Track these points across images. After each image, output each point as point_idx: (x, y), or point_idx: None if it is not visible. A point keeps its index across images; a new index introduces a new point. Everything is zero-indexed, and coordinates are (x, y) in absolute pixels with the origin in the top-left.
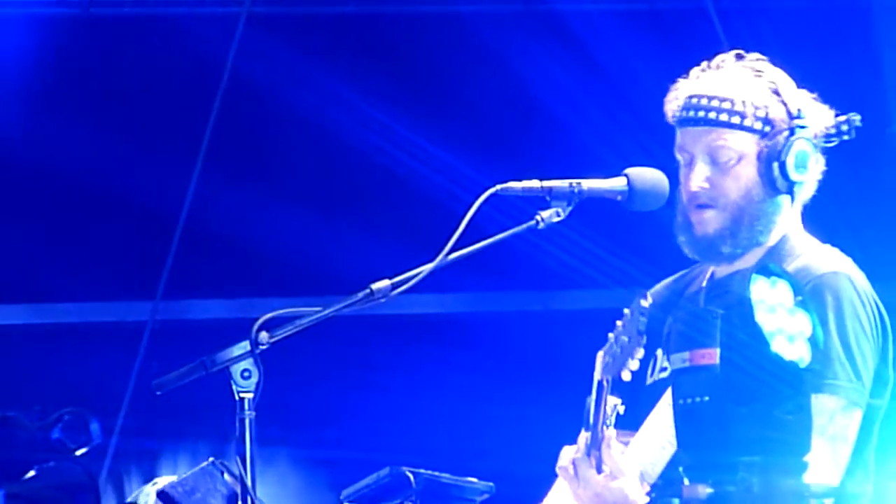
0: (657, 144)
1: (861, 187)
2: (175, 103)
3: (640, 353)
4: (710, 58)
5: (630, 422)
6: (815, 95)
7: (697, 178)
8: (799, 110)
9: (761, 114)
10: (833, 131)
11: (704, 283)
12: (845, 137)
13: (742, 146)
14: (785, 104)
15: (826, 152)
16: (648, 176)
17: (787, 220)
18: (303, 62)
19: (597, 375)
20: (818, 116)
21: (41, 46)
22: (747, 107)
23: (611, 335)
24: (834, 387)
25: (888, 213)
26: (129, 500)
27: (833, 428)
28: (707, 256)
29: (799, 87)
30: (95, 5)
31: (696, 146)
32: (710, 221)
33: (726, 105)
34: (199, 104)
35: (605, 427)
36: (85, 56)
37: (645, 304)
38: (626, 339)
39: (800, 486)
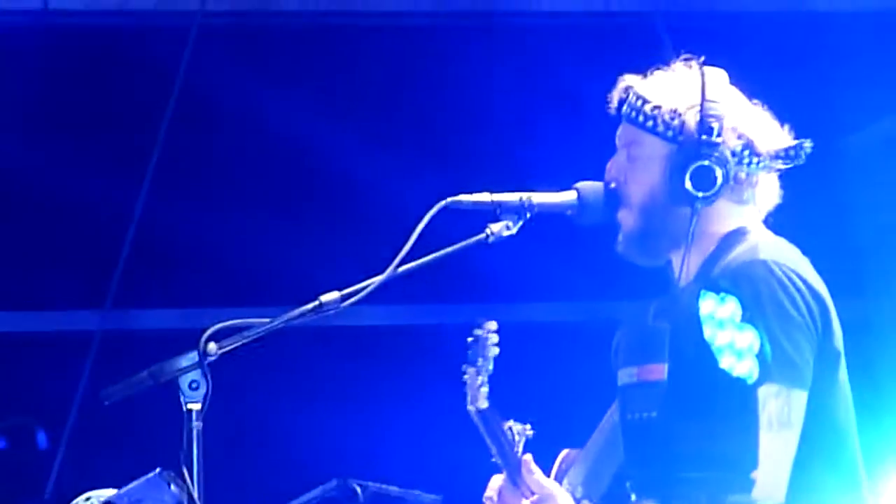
0: (607, 157)
1: (813, 199)
2: (125, 112)
3: (482, 380)
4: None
5: None
6: (766, 113)
7: (611, 167)
8: (711, 127)
9: (674, 122)
10: (782, 154)
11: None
12: (795, 162)
13: (652, 149)
14: (703, 117)
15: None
16: (598, 190)
17: (730, 223)
18: (254, 74)
19: (469, 406)
20: (761, 136)
21: None
22: (663, 113)
23: (464, 366)
24: (765, 375)
25: (840, 227)
26: None
27: (767, 413)
28: (626, 256)
29: (756, 104)
30: (47, 15)
31: (620, 139)
32: (625, 221)
33: (646, 107)
34: (149, 113)
35: (514, 453)
36: (34, 65)
37: (480, 332)
38: (470, 369)
39: (749, 502)
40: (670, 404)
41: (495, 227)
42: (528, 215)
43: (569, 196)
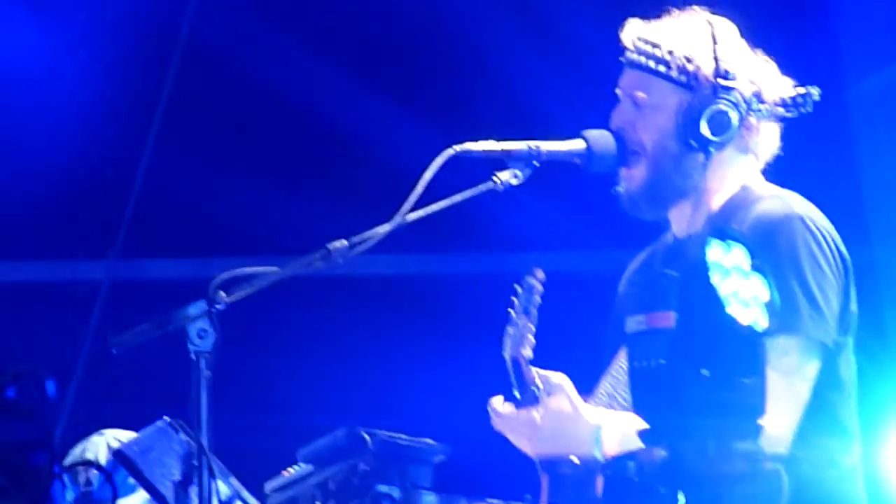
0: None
1: (814, 154)
2: (131, 66)
3: (532, 329)
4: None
5: None
6: (772, 63)
7: (616, 116)
8: (727, 71)
9: (689, 67)
10: (789, 102)
11: (661, 248)
12: (802, 110)
13: (661, 96)
14: (717, 62)
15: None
16: (606, 138)
17: (733, 176)
18: (259, 27)
19: (505, 352)
20: (768, 84)
21: None
22: (675, 57)
23: (510, 311)
24: (794, 327)
25: (840, 181)
26: (76, 449)
27: (790, 364)
28: (630, 210)
29: (761, 54)
30: None
31: (626, 86)
32: (634, 178)
33: (656, 52)
34: (154, 66)
35: (537, 400)
36: (40, 19)
37: (533, 280)
38: (518, 318)
39: (755, 449)
40: (678, 352)
41: (503, 176)
42: (537, 163)
43: (577, 144)
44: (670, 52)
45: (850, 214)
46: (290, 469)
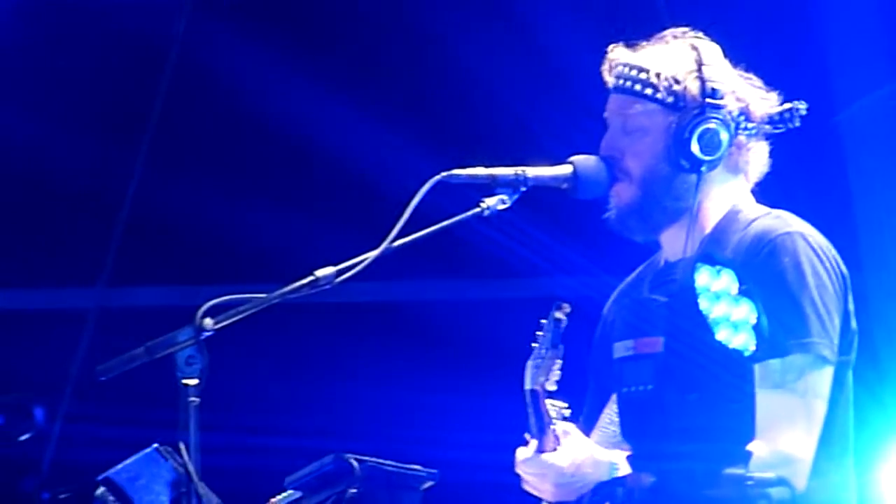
0: (602, 130)
1: (805, 177)
2: (121, 88)
3: (558, 364)
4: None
5: None
6: (757, 81)
7: (606, 144)
8: (714, 90)
9: (675, 88)
10: (777, 118)
11: (649, 272)
12: (789, 126)
13: (649, 118)
14: (703, 81)
15: (772, 141)
16: (593, 164)
17: (724, 196)
18: (250, 49)
19: (527, 385)
20: (755, 101)
21: None
22: (661, 79)
23: (534, 344)
24: (801, 345)
25: (830, 203)
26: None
27: (805, 384)
28: (621, 230)
29: (745, 72)
30: None
31: (613, 112)
32: (622, 196)
33: (642, 75)
34: (145, 89)
35: (552, 431)
36: (28, 39)
37: (560, 314)
38: (544, 350)
39: (744, 475)
40: (666, 377)
41: (490, 202)
42: (524, 189)
43: (564, 170)
44: (657, 75)
45: (841, 237)
46: (277, 496)
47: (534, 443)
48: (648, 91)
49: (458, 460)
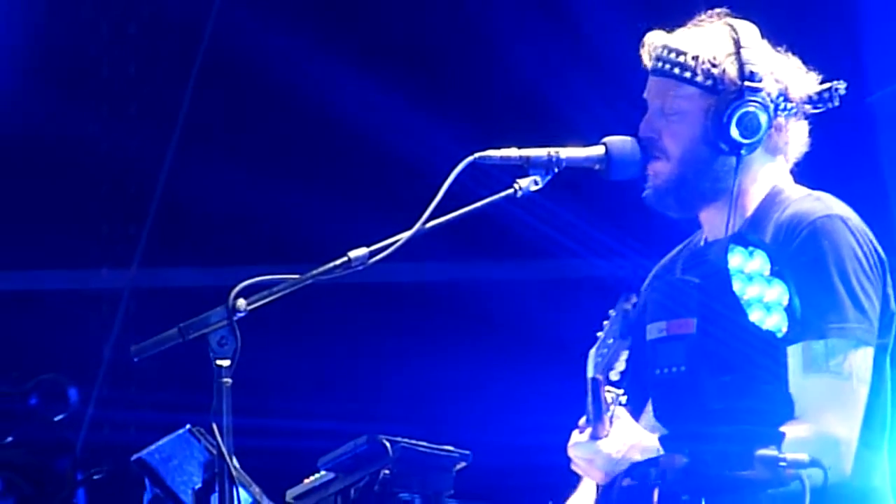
0: (636, 112)
1: (838, 158)
2: (153, 70)
3: (625, 354)
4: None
5: None
6: (796, 61)
7: (645, 125)
8: (753, 72)
9: (714, 71)
10: (816, 98)
11: (685, 252)
12: (828, 105)
13: (689, 102)
14: (741, 64)
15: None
16: (627, 145)
17: (764, 177)
18: (282, 30)
19: (589, 373)
20: (793, 82)
21: (11, 10)
22: (700, 62)
23: (599, 333)
24: (842, 329)
25: (864, 185)
26: None
27: (849, 367)
28: (659, 207)
29: (784, 51)
30: None
31: (652, 95)
32: (659, 175)
33: (680, 58)
34: (177, 70)
35: (607, 420)
36: (61, 25)
37: (627, 305)
38: (611, 340)
39: (776, 456)
40: (699, 358)
41: (523, 182)
42: (556, 170)
43: (597, 151)
44: (695, 58)
45: (875, 220)
46: (311, 477)
47: (589, 430)
48: (687, 74)
49: (490, 442)
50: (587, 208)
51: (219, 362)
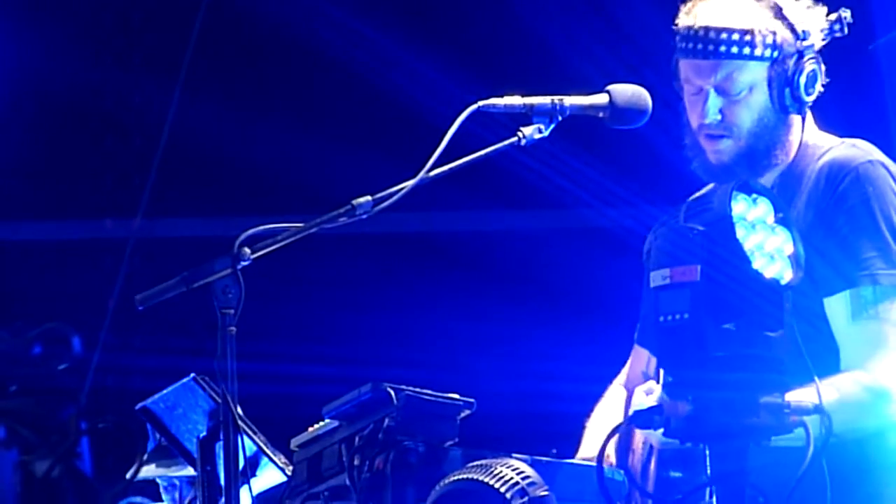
0: (640, 60)
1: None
2: (157, 17)
3: None
4: None
5: None
6: (808, 1)
7: (711, 112)
8: (804, 31)
9: (770, 40)
10: (826, 30)
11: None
12: (837, 35)
13: (752, 76)
14: (792, 27)
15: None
16: (630, 92)
17: (797, 128)
18: None
19: None
20: (817, 25)
21: None
22: (755, 36)
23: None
24: (891, 275)
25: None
26: None
27: (884, 312)
28: (723, 181)
29: None
30: None
31: (706, 79)
32: (725, 151)
33: (735, 37)
34: (181, 18)
35: None
36: None
37: None
38: None
39: (781, 403)
40: (703, 306)
41: (527, 130)
42: (560, 118)
43: (601, 99)
44: (751, 34)
45: None
46: (315, 425)
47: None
48: (746, 51)
49: (494, 390)
50: (597, 157)
51: (223, 310)
